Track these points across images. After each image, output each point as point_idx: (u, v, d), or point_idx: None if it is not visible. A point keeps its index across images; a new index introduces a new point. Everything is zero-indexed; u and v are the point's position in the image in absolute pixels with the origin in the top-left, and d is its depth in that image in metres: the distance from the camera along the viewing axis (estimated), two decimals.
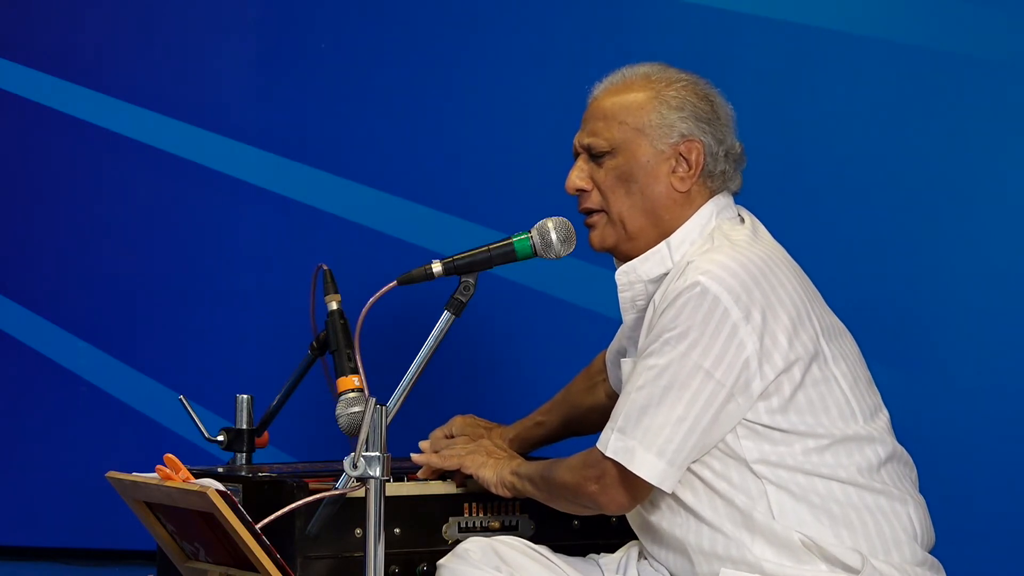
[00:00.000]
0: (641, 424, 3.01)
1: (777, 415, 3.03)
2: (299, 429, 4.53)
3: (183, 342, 5.13)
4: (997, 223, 4.14)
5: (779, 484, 3.04)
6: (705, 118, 3.16)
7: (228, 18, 5.12)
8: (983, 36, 4.15)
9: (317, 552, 3.31)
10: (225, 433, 3.79)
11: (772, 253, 3.11)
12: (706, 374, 3.00)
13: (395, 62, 4.88)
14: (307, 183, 4.97)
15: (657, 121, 3.15)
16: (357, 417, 3.50)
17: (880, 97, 4.26)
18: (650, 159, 3.16)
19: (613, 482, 3.06)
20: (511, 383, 4.71)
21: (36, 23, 5.28)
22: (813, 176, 4.33)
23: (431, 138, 4.84)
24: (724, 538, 3.06)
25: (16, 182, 5.32)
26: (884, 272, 4.25)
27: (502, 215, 4.61)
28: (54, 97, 5.24)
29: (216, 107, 5.10)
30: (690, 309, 3.00)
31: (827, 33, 4.30)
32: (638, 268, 3.18)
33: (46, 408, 5.26)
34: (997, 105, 4.14)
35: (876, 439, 3.10)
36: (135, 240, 5.19)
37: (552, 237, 3.22)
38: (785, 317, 3.03)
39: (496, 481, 3.32)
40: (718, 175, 3.18)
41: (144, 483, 3.04)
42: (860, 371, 3.15)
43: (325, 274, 3.75)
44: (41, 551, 5.26)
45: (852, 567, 3.01)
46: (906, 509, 3.09)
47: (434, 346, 3.18)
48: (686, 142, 3.15)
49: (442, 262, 3.21)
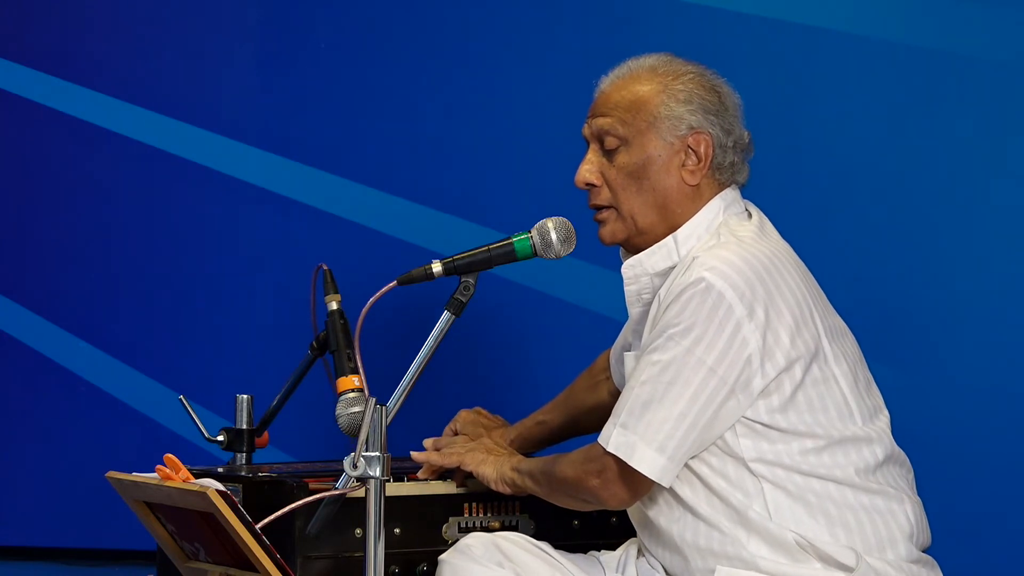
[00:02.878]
0: (643, 419, 3.01)
1: (776, 414, 3.04)
2: (299, 429, 4.52)
3: (183, 342, 5.13)
4: (998, 223, 4.14)
5: (776, 483, 3.04)
6: (713, 110, 3.16)
7: (228, 18, 5.12)
8: (983, 36, 4.14)
9: (317, 552, 3.31)
10: (225, 433, 3.79)
11: (777, 250, 3.11)
12: (709, 370, 3.00)
13: (395, 62, 4.88)
14: (307, 183, 4.97)
15: (665, 114, 3.15)
16: (357, 417, 3.50)
17: (880, 97, 4.25)
18: (661, 153, 3.16)
19: (614, 477, 3.06)
20: (511, 383, 4.71)
21: (36, 23, 5.28)
22: (813, 176, 4.32)
23: (431, 138, 4.84)
24: (720, 535, 3.06)
25: (16, 182, 5.32)
26: (884, 272, 4.24)
27: (502, 215, 4.61)
28: (54, 97, 5.24)
29: (216, 107, 5.10)
30: (694, 305, 3.01)
31: (827, 33, 4.30)
32: (644, 262, 3.18)
33: (46, 408, 5.25)
34: (997, 105, 4.14)
35: (874, 440, 3.09)
36: (135, 240, 5.19)
37: (552, 237, 3.22)
38: (788, 315, 3.03)
39: (496, 477, 3.32)
40: (727, 167, 3.18)
41: (144, 483, 3.04)
42: (860, 372, 3.15)
43: (325, 274, 3.75)
44: (41, 551, 5.26)
45: (847, 565, 3.01)
46: (902, 508, 3.09)
47: (434, 346, 3.18)
48: (695, 134, 3.16)
49: (442, 262, 3.21)
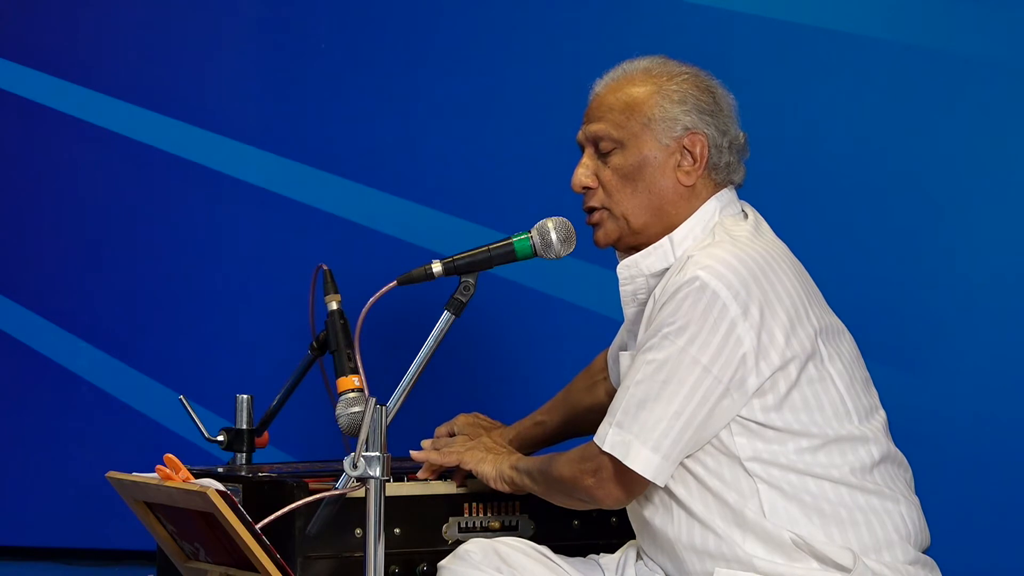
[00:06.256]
0: (639, 418, 3.01)
1: (772, 413, 3.03)
2: (299, 429, 4.52)
3: (183, 342, 5.13)
4: (997, 223, 4.14)
5: (771, 483, 3.04)
6: (708, 110, 3.16)
7: (228, 18, 5.12)
8: (983, 36, 4.14)
9: (317, 552, 3.31)
10: (225, 433, 3.79)
11: (773, 249, 3.11)
12: (703, 369, 3.00)
13: (395, 62, 4.88)
14: (307, 183, 4.97)
15: (660, 115, 3.15)
16: (357, 417, 3.50)
17: (880, 97, 4.26)
18: (656, 154, 3.16)
19: (609, 476, 3.06)
20: (511, 383, 4.71)
21: (36, 23, 5.28)
22: (812, 176, 4.33)
23: (431, 138, 4.84)
24: (715, 535, 3.06)
25: (16, 182, 5.32)
26: (883, 271, 4.25)
27: (502, 215, 4.61)
28: (54, 97, 5.24)
29: (216, 107, 5.10)
30: (689, 304, 3.01)
31: (827, 33, 4.30)
32: (640, 263, 3.18)
33: (46, 408, 5.26)
34: (997, 105, 4.14)
35: (870, 439, 3.09)
36: (135, 240, 5.19)
37: (552, 237, 3.22)
38: (783, 314, 3.03)
39: (495, 475, 3.32)
40: (723, 167, 3.18)
41: (144, 483, 3.04)
42: (857, 371, 3.15)
43: (325, 274, 3.75)
44: (41, 551, 5.26)
45: (843, 566, 3.01)
46: (898, 508, 3.08)
47: (434, 346, 3.18)
48: (690, 135, 3.16)
49: (442, 262, 3.21)
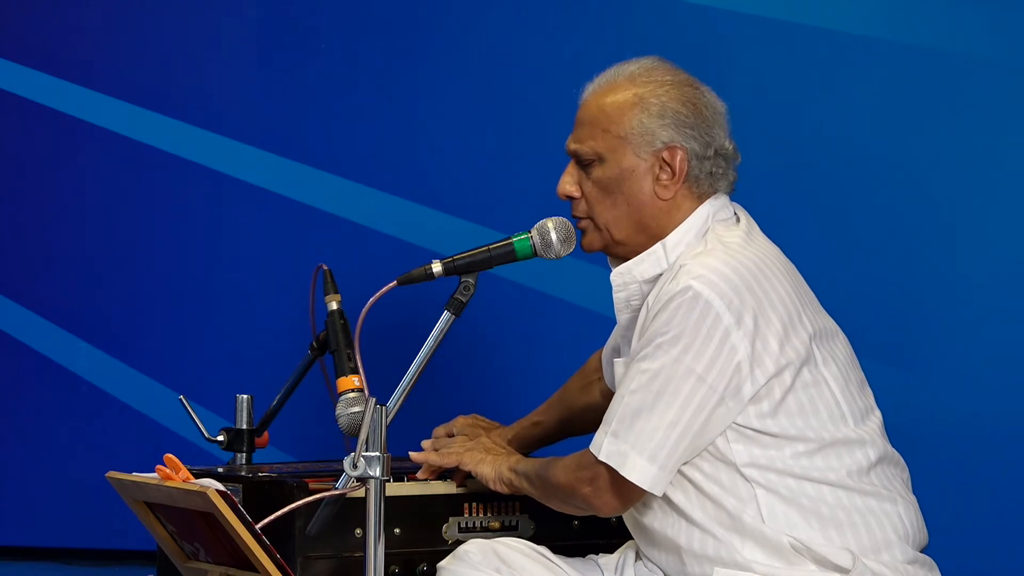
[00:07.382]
0: (634, 428, 3.01)
1: (767, 419, 3.03)
2: (299, 429, 4.52)
3: (183, 342, 5.13)
4: (996, 222, 4.14)
5: (769, 487, 3.04)
6: (688, 123, 3.13)
7: (228, 18, 5.12)
8: (983, 36, 4.14)
9: (317, 552, 3.31)
10: (225, 433, 3.79)
11: (765, 256, 3.10)
12: (698, 379, 3.00)
13: (395, 62, 4.88)
14: (307, 183, 4.97)
15: (639, 130, 3.13)
16: (357, 417, 3.50)
17: (880, 97, 4.25)
18: (635, 168, 3.14)
19: (605, 485, 3.07)
20: (511, 383, 4.71)
21: (36, 23, 5.28)
22: (812, 175, 4.33)
23: (431, 138, 4.84)
24: (714, 540, 3.06)
25: (16, 182, 5.32)
26: (882, 271, 4.25)
27: (502, 215, 4.61)
28: (53, 97, 5.24)
29: (216, 107, 5.10)
30: (682, 313, 3.00)
31: (827, 33, 4.30)
32: (633, 269, 3.17)
33: (46, 408, 5.25)
34: (997, 105, 4.14)
35: (867, 441, 3.09)
36: (135, 240, 5.19)
37: (552, 237, 3.22)
38: (777, 321, 3.03)
39: (494, 477, 3.33)
40: (704, 178, 3.16)
41: (144, 483, 3.04)
42: (852, 373, 3.15)
43: (325, 274, 3.75)
44: (41, 551, 5.26)
45: (842, 567, 3.01)
46: (896, 509, 3.09)
47: (434, 346, 3.19)
48: (668, 149, 3.14)
49: (442, 262, 3.21)
